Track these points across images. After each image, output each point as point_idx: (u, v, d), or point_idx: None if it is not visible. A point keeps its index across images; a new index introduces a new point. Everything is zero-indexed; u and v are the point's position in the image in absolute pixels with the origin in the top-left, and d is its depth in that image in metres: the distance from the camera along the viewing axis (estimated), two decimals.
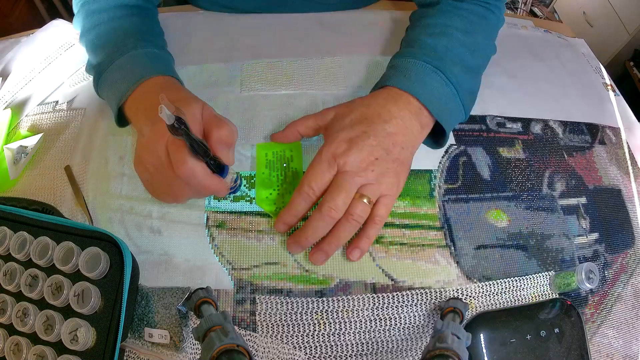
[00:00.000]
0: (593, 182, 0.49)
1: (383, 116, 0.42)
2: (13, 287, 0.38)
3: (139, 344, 0.38)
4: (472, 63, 0.47)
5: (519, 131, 0.51)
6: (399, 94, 0.43)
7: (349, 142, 0.40)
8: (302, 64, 0.55)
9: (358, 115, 0.42)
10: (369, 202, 0.39)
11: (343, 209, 0.39)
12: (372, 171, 0.40)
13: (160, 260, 0.42)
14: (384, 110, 0.42)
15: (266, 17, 0.60)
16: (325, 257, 0.40)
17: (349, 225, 0.39)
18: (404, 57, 0.46)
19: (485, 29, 0.49)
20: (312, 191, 0.39)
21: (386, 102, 0.43)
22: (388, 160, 0.40)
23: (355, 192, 0.39)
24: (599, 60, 0.63)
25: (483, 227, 0.44)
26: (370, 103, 0.43)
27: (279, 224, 0.41)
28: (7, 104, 0.55)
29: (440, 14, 0.48)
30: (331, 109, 0.45)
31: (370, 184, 0.40)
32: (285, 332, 0.39)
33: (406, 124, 0.42)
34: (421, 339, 0.39)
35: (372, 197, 0.40)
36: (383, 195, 0.40)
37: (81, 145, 0.49)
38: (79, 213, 0.44)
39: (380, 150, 0.40)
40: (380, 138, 0.41)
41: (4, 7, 1.51)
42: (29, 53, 0.61)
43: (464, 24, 0.47)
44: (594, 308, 0.42)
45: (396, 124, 0.42)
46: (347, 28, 0.59)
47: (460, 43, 0.46)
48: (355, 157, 0.39)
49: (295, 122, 0.46)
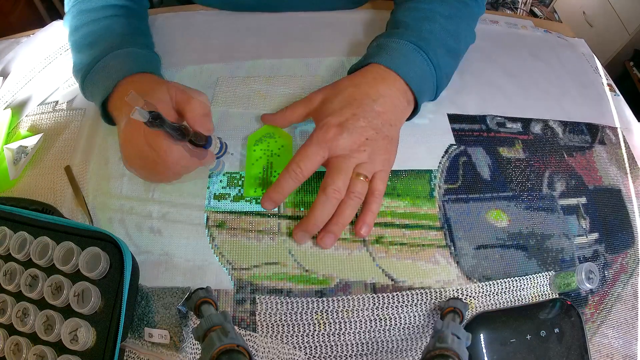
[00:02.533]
0: (593, 182, 0.49)
1: (371, 95, 0.43)
2: (13, 287, 0.38)
3: (139, 344, 0.38)
4: (454, 48, 0.48)
5: (519, 131, 0.51)
6: (386, 72, 0.44)
7: (339, 126, 0.41)
8: (302, 63, 0.55)
9: (346, 97, 0.43)
10: (365, 179, 0.41)
11: (344, 189, 0.40)
12: (364, 151, 0.41)
13: (160, 260, 0.42)
14: (373, 89, 0.43)
15: (266, 17, 0.60)
16: (334, 239, 0.41)
17: (351, 203, 0.41)
18: (390, 37, 0.48)
19: (467, 16, 0.50)
20: (300, 170, 0.40)
21: (374, 81, 0.44)
22: (378, 139, 0.42)
23: (352, 172, 0.41)
24: (599, 60, 0.63)
25: (483, 227, 0.44)
26: (358, 82, 0.44)
27: (266, 201, 0.41)
28: (7, 104, 0.55)
29: None
30: (319, 93, 0.46)
31: (364, 162, 0.41)
32: (285, 332, 0.39)
33: (394, 102, 0.44)
34: (421, 339, 0.39)
35: (368, 174, 0.41)
36: (377, 171, 0.42)
37: (81, 145, 0.49)
38: (79, 213, 0.44)
39: (370, 130, 0.42)
40: (370, 118, 0.42)
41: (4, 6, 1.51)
42: (29, 53, 0.61)
43: (447, 10, 0.48)
44: (594, 308, 0.42)
45: (384, 102, 0.43)
46: (347, 28, 0.59)
47: (443, 28, 0.47)
48: (346, 141, 0.41)
49: (285, 110, 0.47)
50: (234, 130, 0.49)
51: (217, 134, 0.45)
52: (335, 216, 0.41)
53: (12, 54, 0.62)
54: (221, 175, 0.46)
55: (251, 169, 0.46)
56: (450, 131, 0.50)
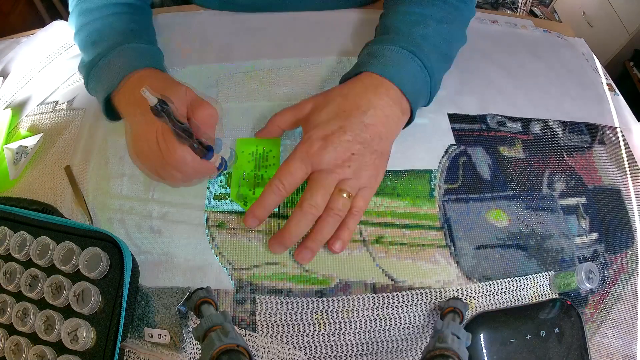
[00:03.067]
0: (593, 182, 0.49)
1: (361, 107, 0.41)
2: (13, 287, 0.38)
3: (139, 344, 0.38)
4: (447, 52, 0.47)
5: (518, 131, 0.51)
6: (378, 80, 0.43)
7: (324, 139, 0.40)
8: (302, 63, 0.55)
9: (335, 108, 0.42)
10: (348, 196, 0.40)
11: (323, 205, 0.39)
12: (349, 167, 0.40)
13: (160, 260, 0.42)
14: (363, 100, 0.42)
15: (266, 17, 0.60)
16: (311, 255, 0.40)
17: (331, 220, 0.40)
18: (381, 43, 0.46)
19: (458, 19, 0.49)
20: (282, 186, 0.39)
21: (365, 91, 0.42)
22: (365, 154, 0.40)
23: (333, 188, 0.40)
24: (599, 60, 0.63)
25: (483, 227, 0.44)
26: (347, 93, 0.43)
27: (249, 218, 0.40)
28: (7, 104, 0.55)
29: (416, 1, 0.48)
30: (309, 101, 0.45)
31: (348, 178, 0.40)
32: (285, 332, 0.39)
33: (386, 113, 0.42)
34: (421, 339, 0.39)
35: (352, 191, 0.40)
36: (362, 187, 0.41)
37: (81, 145, 0.49)
38: (79, 213, 0.44)
39: (356, 145, 0.40)
40: (357, 132, 0.40)
41: (4, 6, 1.51)
42: (29, 53, 0.61)
43: (439, 14, 0.47)
44: (594, 308, 0.42)
45: (374, 115, 0.41)
46: (347, 28, 0.59)
47: (436, 32, 0.46)
48: (329, 156, 0.39)
49: (275, 117, 0.46)
50: (233, 129, 0.49)
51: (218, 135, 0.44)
52: (313, 232, 0.40)
53: (12, 54, 0.62)
54: (222, 176, 0.46)
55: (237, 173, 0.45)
56: (450, 131, 0.50)
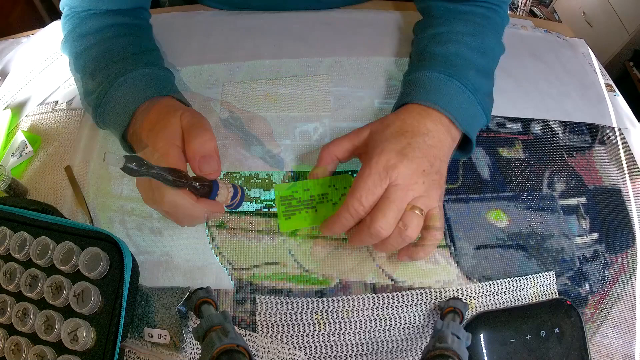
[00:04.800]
0: (593, 182, 0.49)
1: (421, 130, 0.40)
2: (13, 287, 0.38)
3: (139, 344, 0.38)
4: (483, 65, 0.46)
5: (518, 131, 0.51)
6: (426, 110, 0.42)
7: (399, 153, 0.38)
8: (302, 63, 0.55)
9: (397, 129, 0.40)
10: (421, 214, 0.37)
11: (394, 224, 0.36)
12: (423, 183, 0.38)
13: (160, 260, 0.42)
14: (420, 124, 0.40)
15: (266, 17, 0.60)
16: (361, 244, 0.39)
17: (400, 240, 0.37)
18: (418, 71, 0.45)
19: (490, 29, 0.48)
20: (362, 207, 0.36)
21: (420, 117, 0.41)
22: (432, 173, 0.39)
23: (406, 205, 0.37)
24: (598, 60, 0.63)
25: (483, 227, 0.44)
26: (405, 118, 0.41)
27: (325, 231, 0.39)
28: (7, 104, 0.55)
29: (444, 22, 0.48)
30: (365, 127, 0.43)
31: (421, 196, 0.37)
32: (285, 332, 0.39)
33: (440, 137, 0.41)
34: (421, 339, 0.39)
35: (425, 208, 0.37)
36: (432, 207, 0.38)
37: (81, 145, 0.49)
38: (79, 213, 0.44)
39: (426, 163, 0.38)
40: (424, 150, 0.39)
41: (4, 6, 1.51)
42: (29, 53, 0.61)
43: (468, 28, 0.46)
44: (594, 308, 0.42)
45: (433, 137, 0.40)
46: (347, 28, 0.59)
47: (468, 47, 0.45)
48: (407, 169, 0.37)
49: (329, 147, 0.43)
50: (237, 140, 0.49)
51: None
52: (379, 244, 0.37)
53: (12, 54, 0.62)
54: None
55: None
56: None
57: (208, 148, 0.35)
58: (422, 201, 0.37)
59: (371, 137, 0.41)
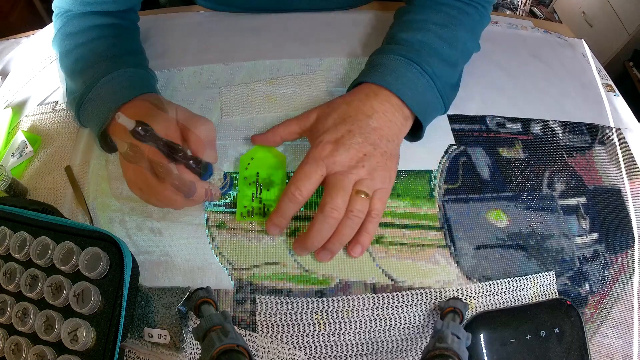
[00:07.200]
0: (593, 182, 0.49)
1: (365, 111, 0.42)
2: (13, 287, 0.38)
3: (139, 344, 0.38)
4: (449, 56, 0.47)
5: (518, 131, 0.51)
6: (378, 89, 0.44)
7: (335, 142, 0.40)
8: (302, 63, 0.55)
9: (341, 114, 0.42)
10: (366, 197, 0.39)
11: (344, 207, 0.39)
12: (363, 167, 0.40)
13: (160, 260, 0.42)
14: (366, 105, 0.43)
15: (266, 18, 0.60)
16: (330, 256, 0.41)
17: (350, 222, 0.39)
18: (381, 53, 0.47)
19: (466, 24, 0.49)
20: (300, 192, 0.39)
21: (367, 98, 0.43)
22: (376, 155, 0.41)
23: (352, 189, 0.39)
24: (598, 60, 0.63)
25: (483, 227, 0.44)
26: (351, 100, 0.44)
27: (270, 227, 0.41)
28: (7, 104, 0.55)
29: (419, 10, 0.49)
30: (313, 111, 0.45)
31: (363, 178, 0.40)
32: (285, 332, 0.39)
33: (389, 117, 0.43)
34: (421, 339, 0.39)
35: (369, 191, 0.40)
36: (377, 189, 0.40)
37: (81, 145, 0.49)
38: (79, 213, 0.44)
39: (367, 146, 0.41)
40: (366, 134, 0.41)
41: (4, 6, 1.51)
42: (29, 53, 0.61)
43: (442, 18, 0.47)
44: (594, 308, 0.42)
45: (379, 118, 0.42)
46: (347, 28, 0.59)
47: (437, 36, 0.46)
48: (343, 157, 0.40)
49: (278, 127, 0.46)
50: (237, 140, 0.49)
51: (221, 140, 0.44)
52: (334, 235, 0.39)
53: (12, 54, 0.62)
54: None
55: (243, 192, 0.45)
56: (450, 131, 0.50)
57: (213, 135, 0.40)
58: (366, 184, 0.40)
59: (316, 123, 0.44)
